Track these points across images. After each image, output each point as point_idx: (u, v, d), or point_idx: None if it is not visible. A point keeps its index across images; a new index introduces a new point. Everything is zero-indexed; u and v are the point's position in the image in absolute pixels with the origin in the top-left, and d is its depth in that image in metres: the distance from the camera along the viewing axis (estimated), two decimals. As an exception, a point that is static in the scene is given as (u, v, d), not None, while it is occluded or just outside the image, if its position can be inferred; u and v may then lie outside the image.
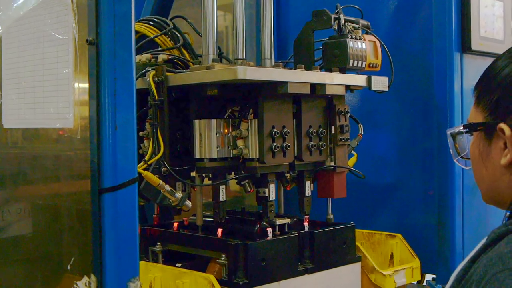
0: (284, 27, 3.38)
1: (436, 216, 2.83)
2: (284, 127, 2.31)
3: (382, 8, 3.03)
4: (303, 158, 2.40)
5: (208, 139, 2.26)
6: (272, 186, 2.35)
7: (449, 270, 2.77)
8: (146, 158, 2.19)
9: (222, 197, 2.32)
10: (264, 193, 2.35)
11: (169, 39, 2.62)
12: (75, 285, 1.70)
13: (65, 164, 1.93)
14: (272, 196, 2.36)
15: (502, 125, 1.30)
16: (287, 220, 2.47)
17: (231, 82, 2.19)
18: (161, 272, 2.21)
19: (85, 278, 1.67)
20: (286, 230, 2.45)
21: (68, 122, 1.75)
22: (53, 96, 1.79)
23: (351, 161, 2.66)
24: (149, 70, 2.27)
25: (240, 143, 2.29)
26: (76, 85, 1.73)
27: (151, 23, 2.67)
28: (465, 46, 2.78)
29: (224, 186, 2.33)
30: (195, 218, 2.59)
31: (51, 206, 1.98)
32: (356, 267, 2.55)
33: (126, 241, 1.66)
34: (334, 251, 2.46)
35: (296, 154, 2.40)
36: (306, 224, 2.51)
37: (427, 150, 2.87)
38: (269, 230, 2.31)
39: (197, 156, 2.28)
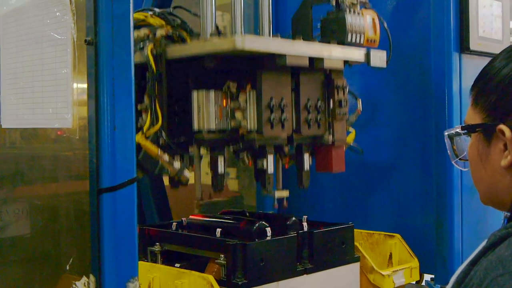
0: (282, 4, 3.37)
1: (435, 216, 2.83)
2: (282, 99, 2.31)
3: (380, 8, 3.02)
4: (302, 131, 2.40)
5: (206, 110, 2.25)
6: (270, 158, 2.35)
7: (447, 270, 2.77)
8: (144, 129, 2.19)
9: (221, 169, 2.33)
10: (263, 165, 2.34)
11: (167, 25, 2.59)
12: (73, 285, 1.70)
13: (63, 164, 1.93)
14: (271, 169, 2.35)
15: (502, 127, 1.30)
16: (285, 193, 2.47)
17: (229, 53, 2.18)
18: (160, 272, 2.21)
19: (84, 279, 1.67)
20: (285, 204, 2.46)
21: (67, 122, 1.74)
22: (51, 96, 1.79)
23: (350, 138, 2.66)
24: (147, 44, 2.26)
25: (238, 114, 2.29)
26: (75, 85, 1.73)
27: (150, 12, 2.65)
28: (463, 46, 2.78)
29: (222, 158, 2.33)
30: (193, 218, 2.59)
31: (50, 206, 1.98)
32: (355, 267, 2.55)
33: (125, 241, 1.66)
34: (333, 251, 2.46)
35: (294, 128, 2.40)
36: (305, 224, 2.51)
37: (426, 150, 2.87)
38: (268, 230, 2.30)
39: (196, 128, 2.28)
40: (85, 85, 1.67)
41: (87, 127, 1.68)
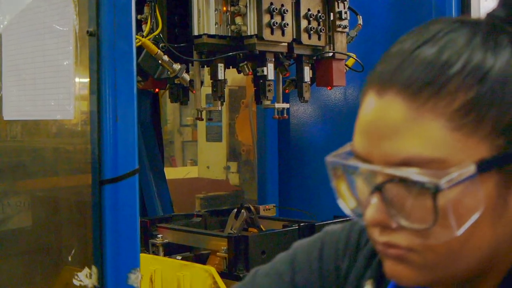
0: None
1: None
2: (282, 5, 2.33)
3: (381, 2, 3.03)
4: (302, 39, 2.42)
5: (206, 14, 2.27)
6: (270, 66, 2.37)
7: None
8: (144, 34, 2.20)
9: (221, 76, 2.33)
10: (263, 71, 2.36)
11: None
12: (76, 277, 1.70)
13: (65, 156, 1.93)
14: (271, 76, 2.37)
15: None
16: (286, 105, 2.49)
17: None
18: (161, 264, 2.22)
19: (86, 270, 1.68)
20: (285, 114, 2.49)
21: (69, 113, 1.75)
22: (53, 88, 1.79)
23: (349, 62, 2.67)
24: None
25: (238, 19, 2.31)
26: (77, 76, 1.73)
27: None
28: (465, 41, 2.77)
29: (222, 65, 2.34)
30: (194, 214, 2.60)
31: (51, 198, 1.99)
32: (356, 260, 2.55)
33: (127, 232, 1.66)
34: (334, 244, 2.46)
35: (294, 36, 2.41)
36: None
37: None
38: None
39: (196, 32, 2.30)
40: (87, 77, 1.67)
41: (88, 120, 1.68)
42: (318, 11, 2.47)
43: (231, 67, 2.51)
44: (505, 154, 0.79)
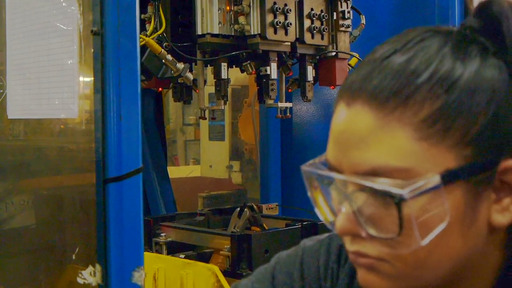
0: None
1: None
2: (286, 5, 2.34)
3: (384, 2, 3.03)
4: (305, 39, 2.43)
5: (210, 13, 2.28)
6: (273, 65, 2.38)
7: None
8: (148, 33, 2.22)
9: (224, 75, 2.34)
10: (266, 71, 2.37)
11: None
12: (80, 275, 1.70)
13: (69, 155, 1.94)
14: (274, 75, 2.39)
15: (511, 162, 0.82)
16: (289, 104, 2.50)
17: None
18: (164, 263, 2.22)
19: (90, 268, 1.68)
20: (288, 114, 2.50)
21: (73, 112, 1.75)
22: (58, 87, 1.80)
23: (352, 62, 2.68)
24: None
25: (241, 19, 2.32)
26: (81, 75, 1.74)
27: None
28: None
29: (226, 64, 2.35)
30: (197, 212, 2.60)
31: (55, 197, 1.99)
32: (358, 259, 2.55)
33: (131, 230, 1.67)
34: (337, 243, 2.46)
35: (298, 35, 2.42)
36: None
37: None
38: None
39: (199, 32, 2.31)
40: (91, 76, 1.68)
41: (92, 119, 1.69)
42: (321, 11, 2.47)
43: (234, 66, 2.52)
44: (472, 165, 0.79)
